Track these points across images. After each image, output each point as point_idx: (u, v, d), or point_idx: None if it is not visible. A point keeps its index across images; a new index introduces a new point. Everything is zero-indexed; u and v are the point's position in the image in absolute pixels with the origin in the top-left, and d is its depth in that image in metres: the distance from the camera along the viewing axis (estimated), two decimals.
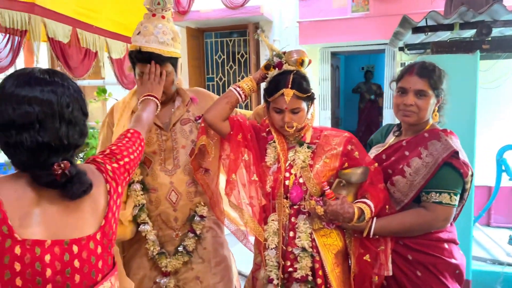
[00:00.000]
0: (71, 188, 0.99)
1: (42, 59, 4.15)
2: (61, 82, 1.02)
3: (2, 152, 1.01)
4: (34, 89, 0.96)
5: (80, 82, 5.44)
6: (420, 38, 3.67)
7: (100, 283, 1.05)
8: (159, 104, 1.70)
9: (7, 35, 2.94)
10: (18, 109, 0.94)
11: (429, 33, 3.05)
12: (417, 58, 3.01)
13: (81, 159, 4.12)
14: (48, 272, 0.96)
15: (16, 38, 2.99)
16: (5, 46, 3.02)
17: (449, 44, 2.63)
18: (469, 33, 3.04)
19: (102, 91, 4.71)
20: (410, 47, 4.04)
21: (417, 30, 2.93)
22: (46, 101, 0.97)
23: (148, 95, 1.68)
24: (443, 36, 3.31)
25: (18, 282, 0.93)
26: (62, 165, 0.96)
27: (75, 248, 1.00)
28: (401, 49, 4.28)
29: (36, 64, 3.18)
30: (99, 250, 1.05)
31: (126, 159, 1.24)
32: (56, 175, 0.96)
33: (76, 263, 1.00)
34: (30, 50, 3.24)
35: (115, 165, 1.18)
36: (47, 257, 0.96)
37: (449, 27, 2.80)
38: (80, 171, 1.02)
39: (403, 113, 1.69)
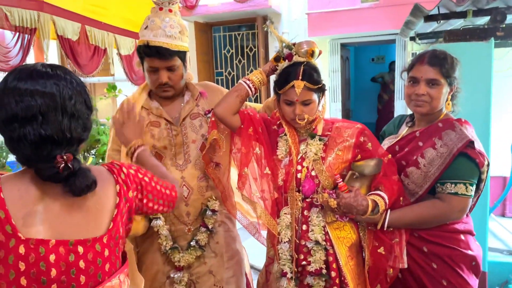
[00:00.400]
0: (74, 182, 0.97)
1: (52, 57, 4.19)
2: (63, 75, 1.01)
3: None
4: (36, 82, 0.96)
5: (90, 79, 5.48)
6: (432, 26, 3.61)
7: (108, 280, 1.03)
8: (147, 148, 1.62)
9: (17, 34, 2.96)
10: (20, 102, 0.93)
11: (441, 22, 2.99)
12: (429, 47, 2.96)
13: (93, 156, 4.15)
14: (53, 272, 0.95)
15: (26, 36, 3.00)
16: (15, 44, 3.04)
17: (462, 32, 2.58)
18: (483, 20, 2.98)
19: (112, 87, 4.73)
20: (422, 36, 3.98)
21: (429, 18, 2.88)
22: (48, 93, 0.96)
23: (137, 147, 1.57)
24: (456, 24, 3.25)
25: (23, 281, 0.93)
26: (64, 157, 0.96)
27: (80, 249, 0.98)
28: (412, 38, 4.22)
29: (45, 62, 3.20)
30: (106, 253, 1.03)
31: (146, 179, 1.18)
32: (59, 168, 0.95)
33: (82, 264, 0.98)
34: (40, 48, 3.26)
35: (132, 171, 1.15)
36: (52, 257, 0.95)
37: (462, 15, 2.74)
38: (83, 167, 1.01)
39: (415, 103, 1.66)
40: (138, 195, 1.16)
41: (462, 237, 1.63)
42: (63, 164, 0.95)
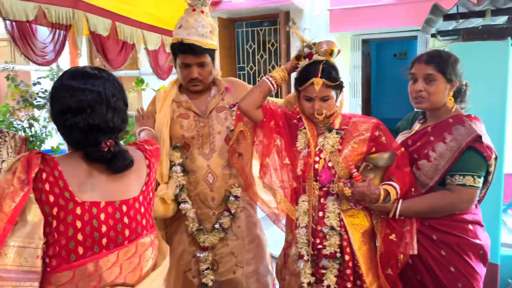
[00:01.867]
0: (115, 163, 1.19)
1: (83, 52, 4.37)
2: (107, 77, 1.23)
3: (49, 139, 1.22)
4: (87, 82, 1.18)
5: (116, 73, 5.68)
6: (453, 24, 3.64)
7: (142, 237, 1.25)
8: (152, 129, 1.95)
9: (53, 30, 3.13)
10: (73, 96, 1.15)
11: (460, 20, 3.03)
12: (448, 45, 3.01)
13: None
14: (103, 228, 1.16)
15: (62, 32, 3.18)
16: (51, 40, 3.22)
17: (480, 31, 2.62)
18: (503, 19, 3.01)
19: (140, 81, 4.90)
20: (443, 33, 4.00)
21: (448, 17, 2.93)
22: (96, 91, 1.18)
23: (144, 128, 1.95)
24: (476, 22, 3.28)
25: (79, 237, 1.13)
26: (108, 143, 1.17)
27: (124, 208, 1.21)
28: (433, 35, 4.24)
29: (79, 57, 3.39)
30: (142, 209, 1.27)
31: (156, 146, 1.49)
32: (103, 152, 1.16)
33: (126, 220, 1.21)
34: (74, 43, 3.43)
35: (151, 147, 1.42)
36: (102, 216, 1.16)
37: (481, 14, 2.78)
38: (123, 149, 1.23)
39: (416, 100, 1.77)
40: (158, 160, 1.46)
41: (470, 226, 1.71)
42: (107, 149, 1.17)
